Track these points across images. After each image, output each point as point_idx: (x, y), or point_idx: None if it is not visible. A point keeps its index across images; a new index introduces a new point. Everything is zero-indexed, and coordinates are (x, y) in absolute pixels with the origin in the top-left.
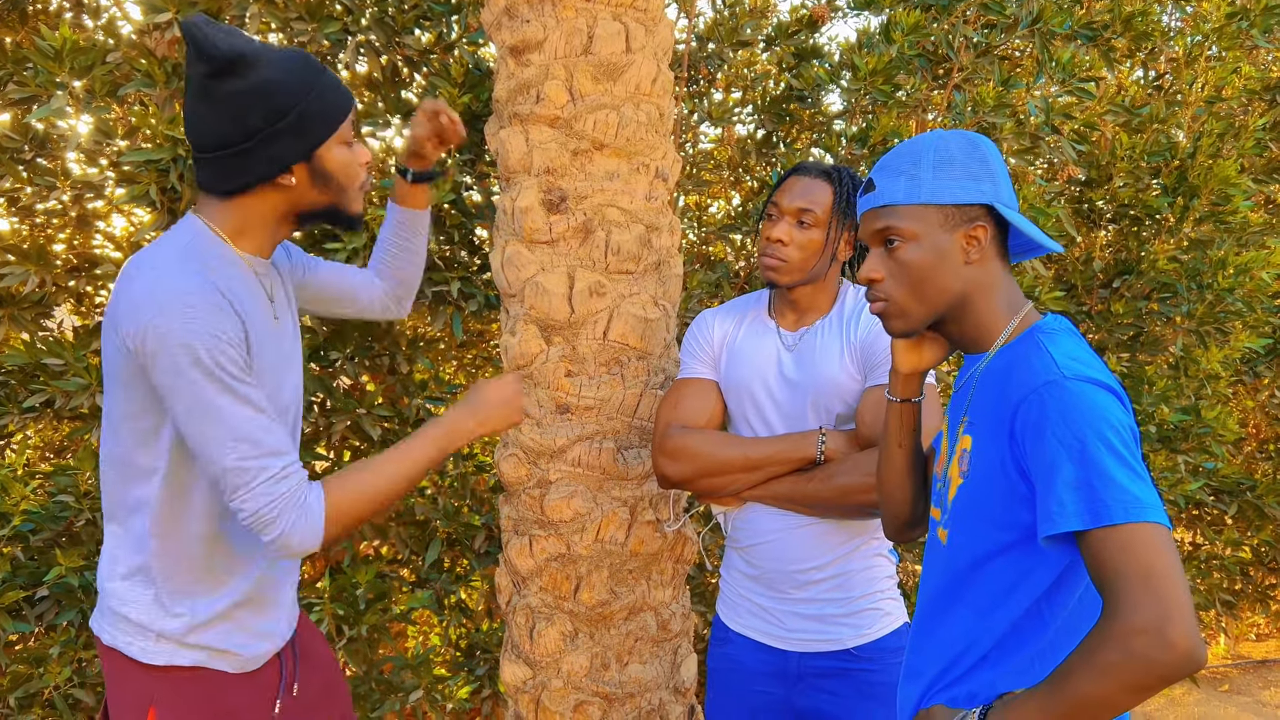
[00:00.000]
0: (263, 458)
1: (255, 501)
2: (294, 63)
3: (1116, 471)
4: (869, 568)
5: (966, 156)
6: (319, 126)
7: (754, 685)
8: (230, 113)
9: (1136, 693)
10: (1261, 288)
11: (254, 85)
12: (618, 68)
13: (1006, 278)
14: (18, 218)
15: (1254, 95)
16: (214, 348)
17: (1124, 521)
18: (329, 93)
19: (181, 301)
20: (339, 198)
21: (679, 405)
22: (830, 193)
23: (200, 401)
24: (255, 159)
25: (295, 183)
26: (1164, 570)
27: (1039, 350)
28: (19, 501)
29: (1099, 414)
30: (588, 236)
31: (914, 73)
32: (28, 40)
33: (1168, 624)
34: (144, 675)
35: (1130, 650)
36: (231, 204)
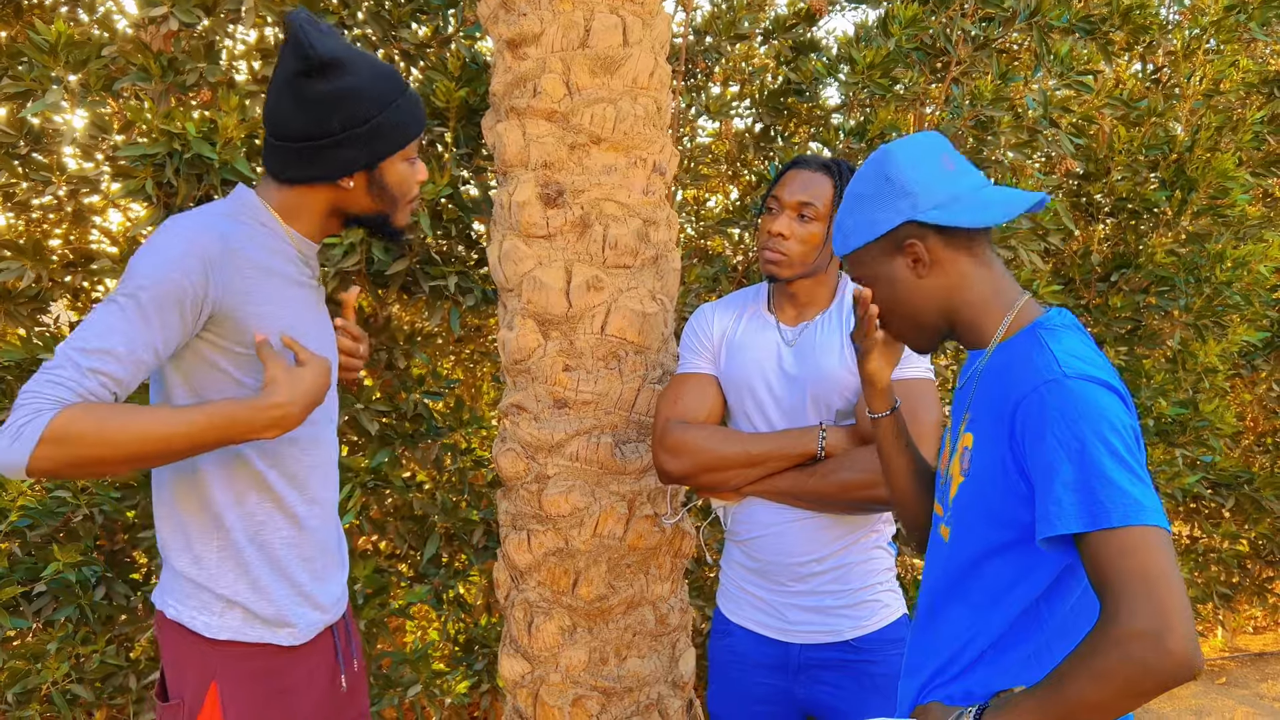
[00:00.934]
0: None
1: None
2: (382, 75)
3: (1116, 473)
4: (868, 560)
5: (875, 188)
6: (389, 141)
7: (755, 677)
8: (312, 112)
9: (1133, 698)
10: (1259, 281)
11: (340, 90)
12: (615, 61)
13: (983, 271)
14: (13, 213)
15: (1252, 88)
16: (154, 280)
17: (1122, 525)
18: (406, 110)
19: (164, 243)
20: (390, 209)
21: (679, 400)
22: (830, 186)
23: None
24: (324, 159)
25: (353, 187)
26: (1162, 575)
27: (1040, 347)
28: (16, 497)
29: (1100, 414)
30: (585, 231)
31: (912, 66)
32: (22, 34)
33: (1166, 630)
34: (206, 649)
35: (1128, 655)
36: (289, 190)
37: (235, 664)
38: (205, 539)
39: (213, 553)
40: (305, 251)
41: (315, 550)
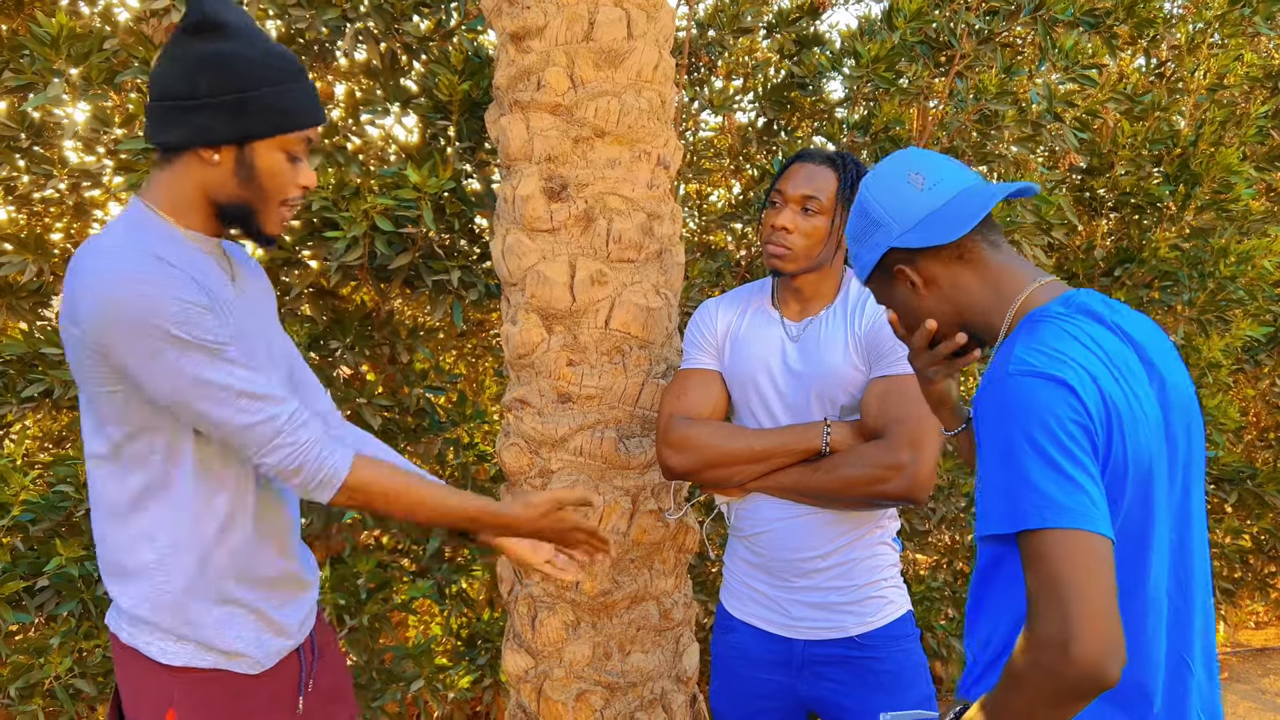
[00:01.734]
0: (265, 407)
1: (274, 454)
2: (273, 54)
3: (1037, 474)
4: (872, 556)
5: (857, 226)
6: (262, 120)
7: (758, 673)
8: (184, 70)
9: (1048, 707)
10: (1263, 276)
11: (217, 53)
12: (619, 54)
13: (981, 274)
14: (15, 206)
15: (1256, 83)
16: (181, 316)
17: (1038, 527)
18: (294, 98)
19: (135, 280)
20: (257, 202)
21: (683, 396)
22: (835, 180)
23: (184, 374)
24: (186, 121)
25: (219, 163)
26: (1070, 580)
27: (1010, 343)
28: (18, 492)
29: (1028, 411)
30: (589, 225)
31: (916, 60)
32: (24, 27)
33: (1070, 639)
34: (163, 675)
35: (1037, 663)
36: (163, 175)
37: (193, 690)
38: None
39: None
40: (208, 249)
41: (285, 574)
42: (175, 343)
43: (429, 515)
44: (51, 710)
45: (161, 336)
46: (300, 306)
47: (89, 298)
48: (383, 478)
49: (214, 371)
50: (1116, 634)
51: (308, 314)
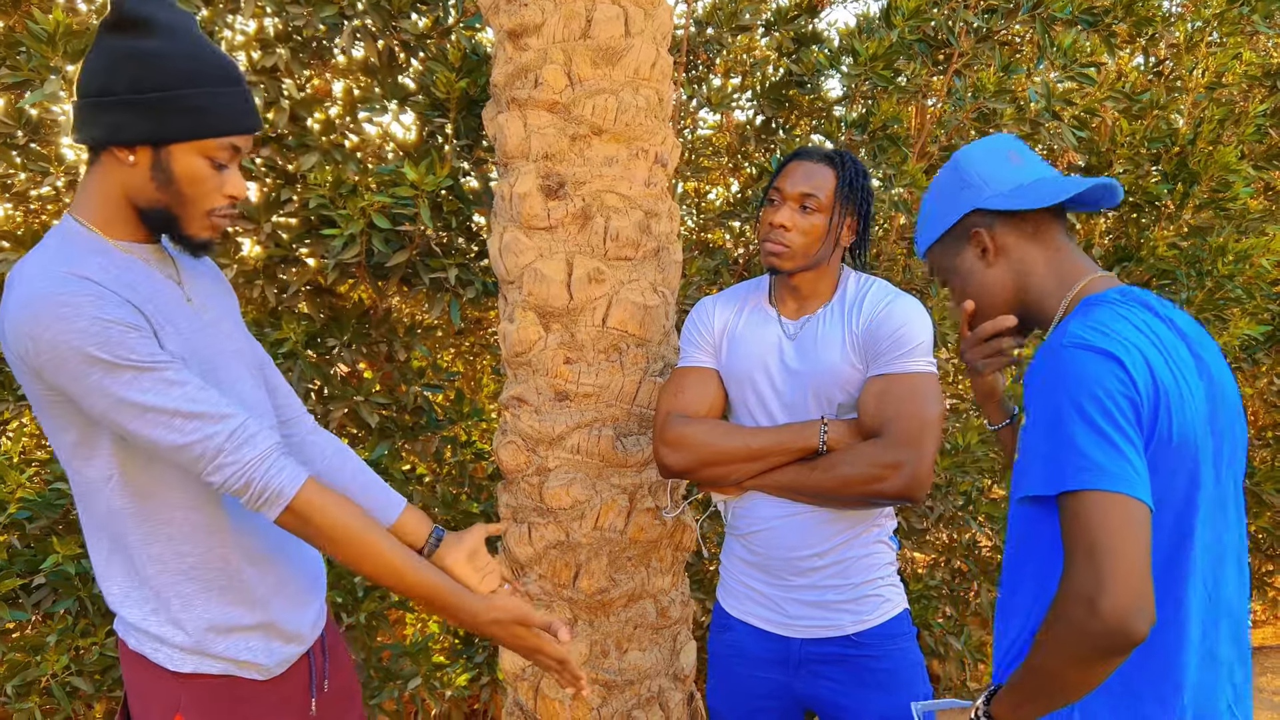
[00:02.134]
0: (202, 426)
1: (219, 473)
2: (200, 56)
3: (1083, 439)
4: (869, 555)
5: (945, 185)
6: (180, 123)
7: (755, 671)
8: (102, 66)
9: (1078, 665)
10: (1261, 274)
11: (137, 50)
12: (616, 52)
13: (1049, 255)
14: (11, 203)
15: (1255, 81)
16: (105, 337)
17: (1078, 489)
18: (222, 102)
19: (55, 303)
20: (176, 206)
21: (680, 394)
22: (833, 178)
23: (115, 396)
24: (99, 118)
25: (135, 163)
26: (1107, 540)
27: (1065, 323)
28: (15, 489)
29: (1078, 381)
30: (586, 222)
31: (914, 58)
32: (21, 24)
33: (1099, 593)
34: (169, 681)
35: (1067, 619)
36: (90, 179)
37: (200, 696)
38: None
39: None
40: (146, 257)
41: (282, 582)
42: (99, 365)
43: (375, 569)
44: (48, 708)
45: (85, 360)
46: (297, 304)
47: (11, 323)
48: (333, 507)
49: (144, 393)
50: (1147, 592)
51: (305, 311)
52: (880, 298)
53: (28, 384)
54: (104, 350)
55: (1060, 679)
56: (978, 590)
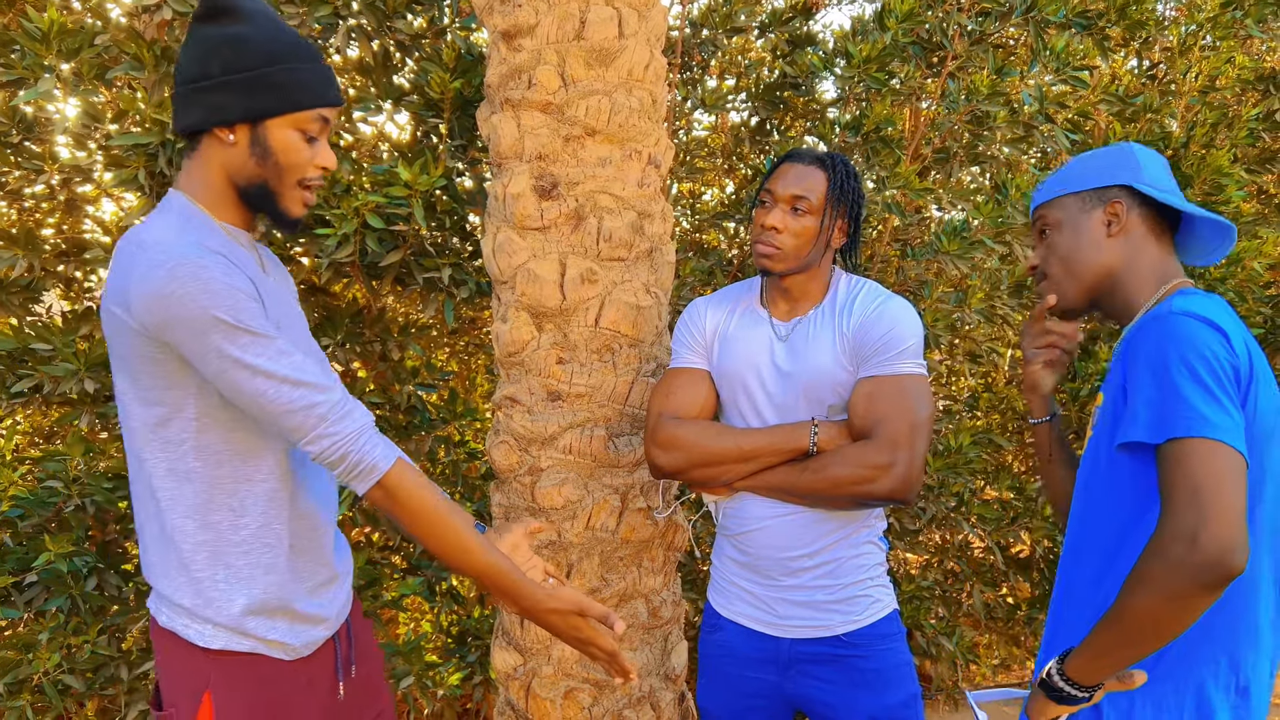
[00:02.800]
0: (309, 394)
1: (319, 443)
2: (284, 35)
3: (1190, 392)
4: (859, 555)
5: (1109, 153)
6: (274, 98)
7: (745, 671)
8: (198, 53)
9: (1175, 600)
10: (1253, 278)
11: (228, 35)
12: (610, 53)
13: (1158, 254)
14: (6, 202)
15: (1248, 85)
16: (233, 303)
17: (1185, 436)
18: (306, 77)
19: (193, 266)
20: (274, 180)
21: (671, 395)
22: (825, 180)
23: (233, 358)
24: (201, 102)
25: (234, 142)
26: (1211, 483)
27: (1166, 302)
28: (7, 487)
29: (1189, 342)
30: (580, 223)
31: (908, 60)
32: (15, 22)
33: (1200, 529)
34: (200, 658)
35: (1166, 556)
36: (190, 164)
37: (230, 674)
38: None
39: (207, 582)
40: (242, 241)
41: (317, 566)
42: (222, 327)
43: (450, 548)
44: (40, 706)
45: (211, 321)
46: None
47: (141, 282)
48: (420, 487)
49: (258, 357)
50: (1244, 531)
51: None
52: (871, 300)
53: (134, 345)
54: (230, 314)
55: (1152, 618)
56: (970, 591)
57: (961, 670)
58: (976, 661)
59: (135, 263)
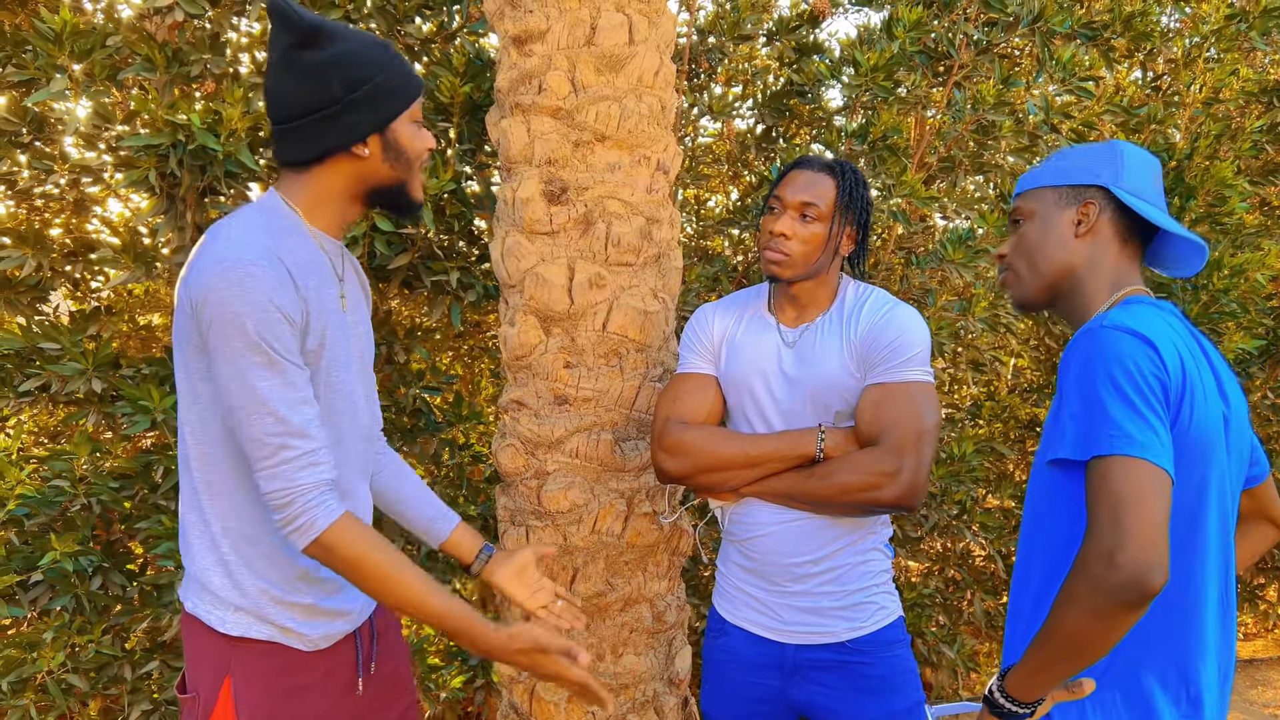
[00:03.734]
0: (286, 435)
1: (271, 482)
2: (369, 39)
3: (1115, 408)
4: (865, 562)
5: (1095, 151)
6: (394, 100)
7: (750, 677)
8: (313, 81)
9: (1097, 619)
10: (1256, 289)
11: (335, 56)
12: (620, 60)
13: (1121, 261)
14: (15, 201)
15: (1252, 97)
16: (264, 320)
17: (1109, 453)
18: (401, 71)
19: (243, 270)
20: (407, 175)
21: (678, 400)
22: (834, 187)
23: (238, 370)
24: (335, 126)
25: (369, 154)
26: (1132, 501)
27: (1103, 314)
28: (14, 486)
29: (1115, 356)
30: (588, 228)
31: (915, 69)
32: (27, 23)
33: (1118, 548)
34: (221, 644)
35: (1087, 574)
36: (308, 177)
37: (250, 661)
38: (228, 549)
39: (234, 564)
40: (330, 251)
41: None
42: (244, 338)
43: (399, 601)
44: (43, 705)
45: (237, 329)
46: None
47: (199, 272)
48: (361, 546)
49: (261, 379)
50: (1163, 549)
51: None
52: (878, 307)
53: (185, 326)
54: (256, 328)
55: (1077, 635)
56: (971, 599)
57: (962, 678)
58: (977, 670)
59: (204, 250)
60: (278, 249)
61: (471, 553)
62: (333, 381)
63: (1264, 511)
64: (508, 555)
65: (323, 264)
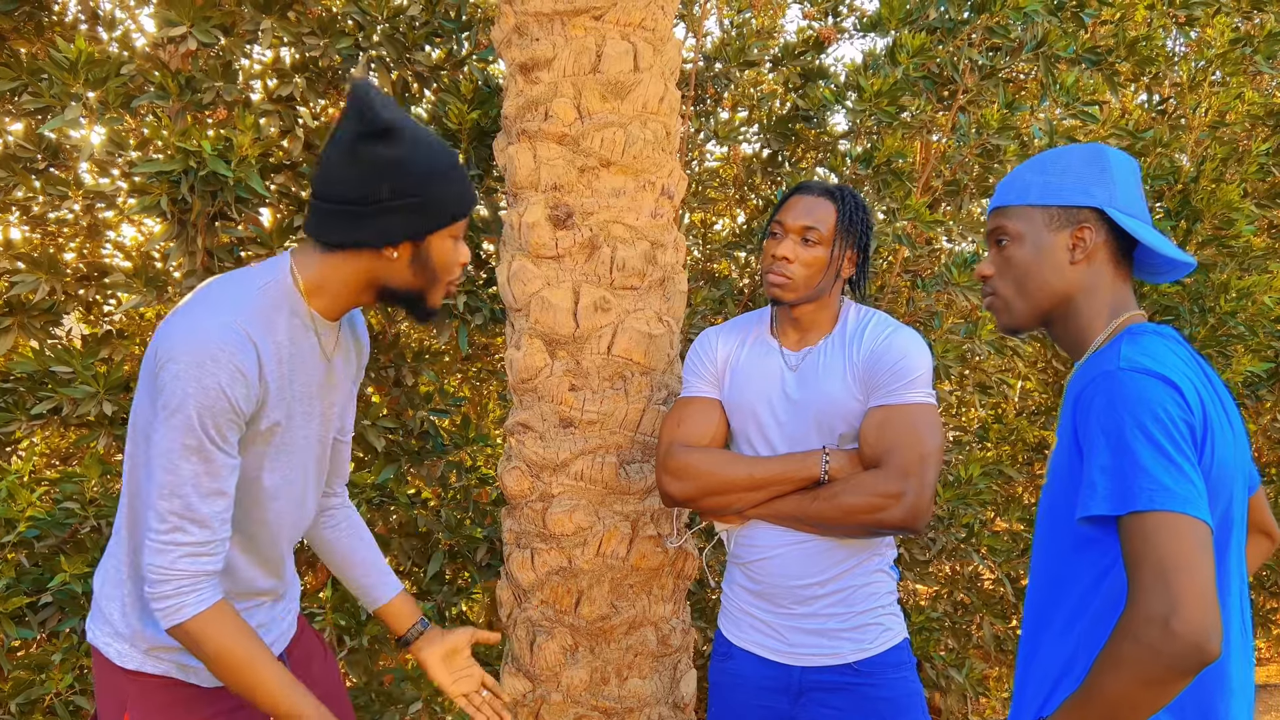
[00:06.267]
0: (187, 521)
1: (155, 556)
2: (438, 150)
3: (1149, 460)
4: (870, 583)
5: (1083, 163)
6: (437, 215)
7: (756, 700)
8: (363, 175)
9: (1150, 686)
10: (1264, 312)
11: (395, 158)
12: (625, 86)
13: (1117, 284)
14: (29, 226)
15: (1257, 120)
16: (209, 407)
17: (1148, 509)
18: (456, 186)
19: (208, 353)
20: (428, 286)
21: (682, 424)
22: (834, 211)
23: (168, 444)
24: (370, 224)
25: (397, 257)
26: (1180, 561)
27: (1113, 347)
28: (25, 508)
29: (1142, 403)
30: (593, 252)
31: (919, 94)
32: (43, 52)
33: (1172, 614)
34: (120, 677)
35: (1139, 640)
36: (329, 258)
37: (148, 695)
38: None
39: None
40: (322, 334)
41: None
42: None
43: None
44: None
45: (179, 405)
46: None
47: (173, 335)
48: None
49: (187, 460)
50: (1217, 613)
51: None
52: (881, 329)
53: (152, 373)
54: (199, 413)
55: (1129, 702)
56: (980, 623)
57: (971, 703)
58: (986, 694)
59: (189, 308)
60: (258, 330)
61: (407, 624)
62: (281, 458)
63: (1257, 523)
64: (441, 635)
65: (309, 347)
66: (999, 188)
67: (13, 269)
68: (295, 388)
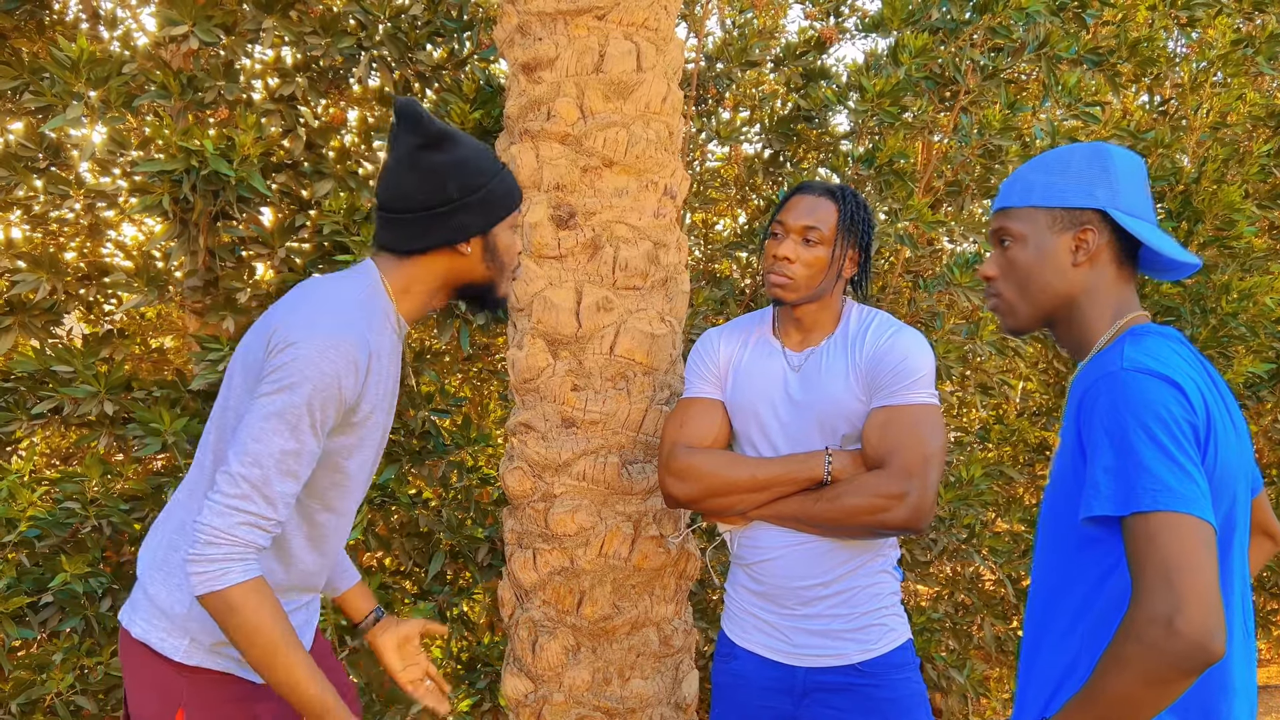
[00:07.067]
0: (258, 493)
1: (215, 518)
2: (483, 149)
3: (1152, 460)
4: (874, 584)
5: (1086, 164)
6: (500, 207)
7: (760, 700)
8: (432, 181)
9: (1153, 686)
10: (1265, 312)
11: (455, 160)
12: (628, 86)
13: (1120, 286)
14: (30, 225)
15: (1259, 121)
16: (321, 392)
17: (1152, 510)
18: (508, 180)
19: (332, 343)
20: (499, 276)
21: (685, 425)
22: (835, 211)
23: (270, 415)
24: (445, 225)
25: (470, 253)
26: (1184, 561)
27: (1117, 347)
28: (25, 507)
29: (1145, 403)
30: (596, 252)
31: (921, 95)
32: (45, 51)
33: (1177, 613)
34: (172, 673)
35: (1141, 639)
36: (408, 264)
37: (204, 691)
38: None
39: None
40: (401, 334)
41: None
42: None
43: (279, 677)
44: None
45: (291, 385)
46: None
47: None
48: (263, 614)
49: (278, 433)
50: (1221, 613)
51: None
52: (883, 330)
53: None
54: (311, 394)
55: (1132, 702)
56: (981, 624)
57: (972, 704)
58: (987, 695)
59: (311, 298)
60: (372, 330)
61: (362, 612)
62: (362, 451)
63: (1260, 525)
64: (395, 623)
65: (397, 352)
66: (1002, 188)
67: (14, 268)
68: (385, 384)
